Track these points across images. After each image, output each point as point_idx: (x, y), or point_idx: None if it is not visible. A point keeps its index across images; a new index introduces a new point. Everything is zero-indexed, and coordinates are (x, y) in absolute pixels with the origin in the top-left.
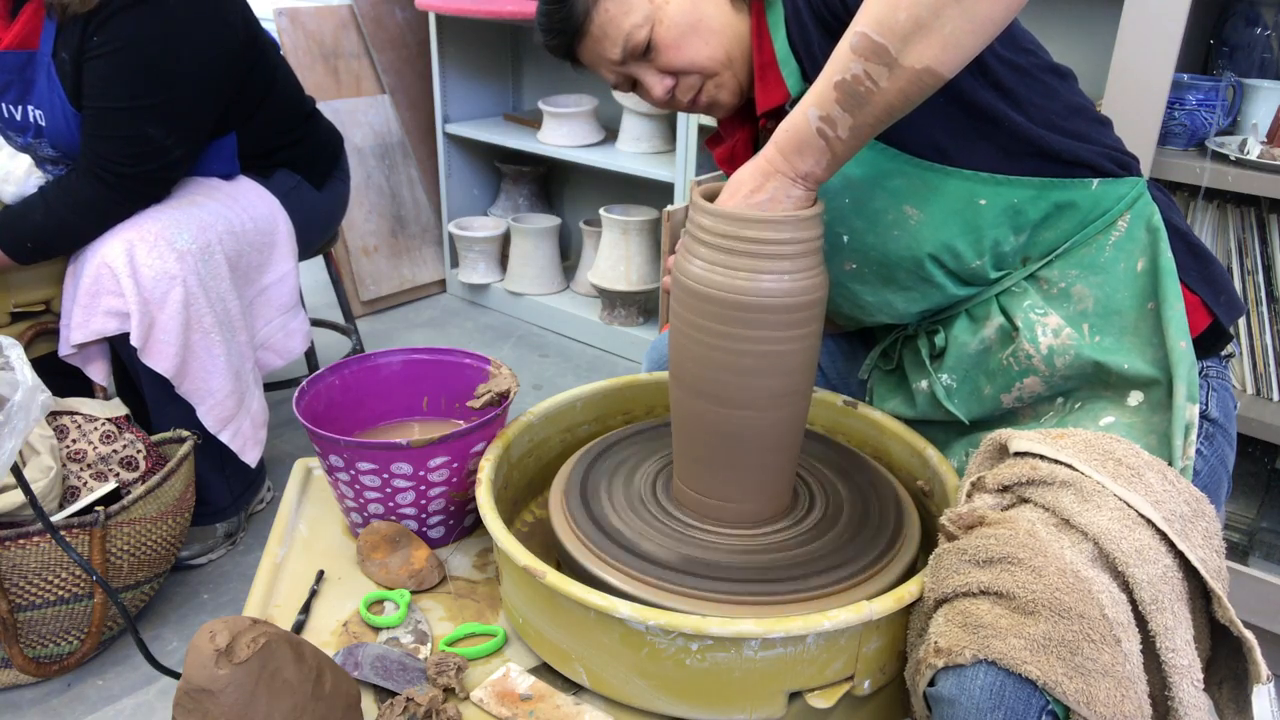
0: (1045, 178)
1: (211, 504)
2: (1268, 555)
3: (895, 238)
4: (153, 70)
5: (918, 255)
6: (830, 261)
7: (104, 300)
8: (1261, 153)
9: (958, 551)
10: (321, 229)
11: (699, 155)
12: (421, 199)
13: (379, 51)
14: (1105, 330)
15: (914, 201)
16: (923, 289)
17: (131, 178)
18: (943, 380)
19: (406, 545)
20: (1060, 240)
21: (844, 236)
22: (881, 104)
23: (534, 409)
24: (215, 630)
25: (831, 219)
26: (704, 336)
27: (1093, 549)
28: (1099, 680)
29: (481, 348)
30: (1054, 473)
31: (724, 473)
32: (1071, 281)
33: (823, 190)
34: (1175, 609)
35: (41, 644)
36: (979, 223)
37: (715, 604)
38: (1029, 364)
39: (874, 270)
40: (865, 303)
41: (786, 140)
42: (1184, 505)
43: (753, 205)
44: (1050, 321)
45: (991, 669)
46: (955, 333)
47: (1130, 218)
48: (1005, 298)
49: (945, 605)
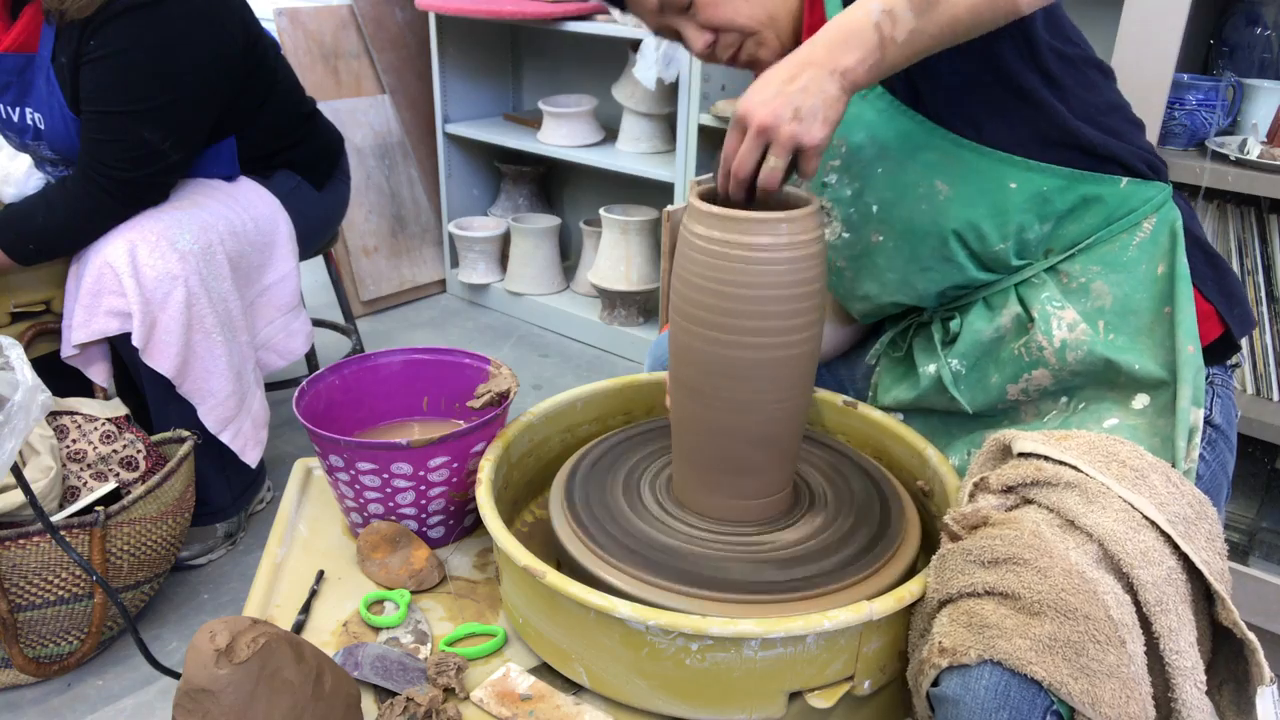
0: (1076, 169)
1: (211, 504)
2: (1268, 555)
3: (923, 211)
4: (150, 75)
5: (943, 231)
6: (859, 231)
7: (106, 300)
8: (1261, 153)
9: (962, 552)
10: (322, 229)
11: (699, 155)
12: (421, 199)
13: (379, 51)
14: (1120, 329)
15: (945, 177)
16: (944, 269)
17: (129, 182)
18: (951, 365)
19: (406, 545)
20: (1084, 235)
21: (874, 206)
22: (948, 13)
23: (534, 409)
24: (215, 630)
25: (864, 188)
26: (704, 334)
27: (1097, 550)
28: (1104, 681)
29: (481, 348)
30: (1059, 474)
31: (724, 473)
32: (1092, 278)
33: (857, 159)
34: (1179, 611)
35: (41, 644)
36: (1006, 206)
37: (715, 604)
38: (1040, 355)
39: (899, 244)
40: (887, 280)
41: (835, 32)
42: (1187, 508)
43: (786, 95)
44: (1066, 315)
45: (997, 669)
46: (971, 319)
47: (1155, 221)
48: (1024, 288)
49: (949, 605)
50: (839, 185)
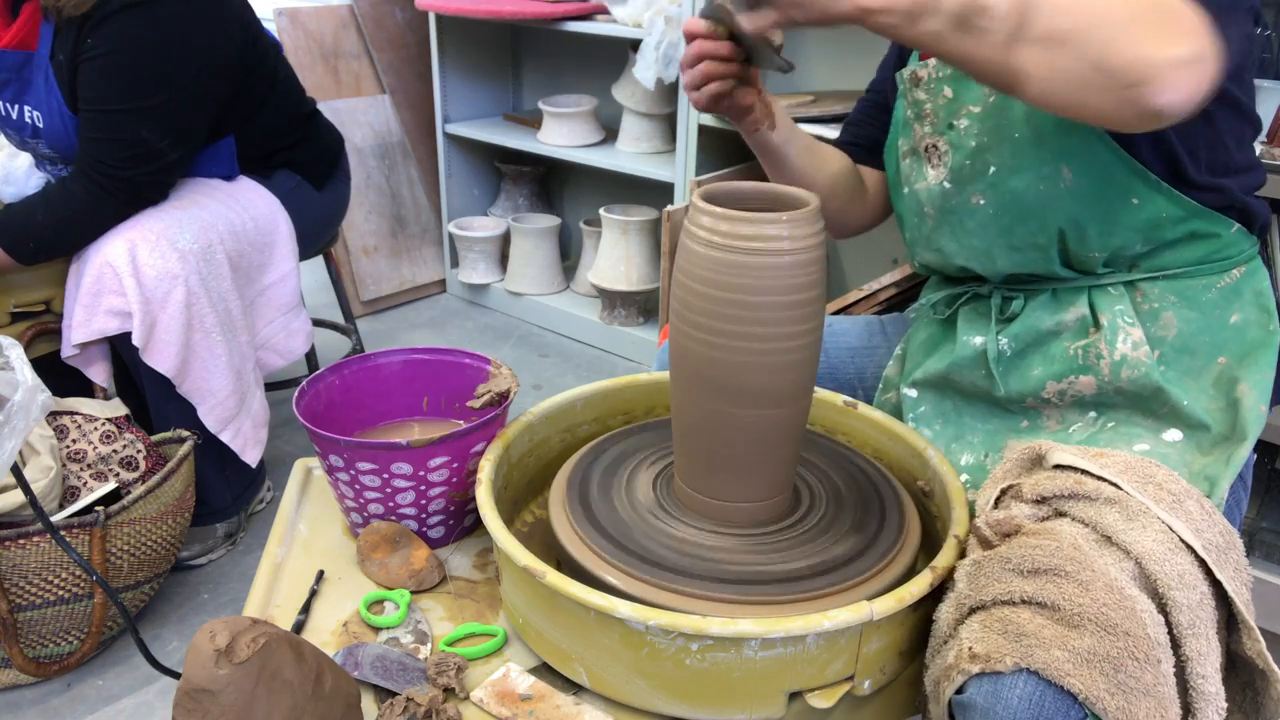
0: (1201, 205)
1: (211, 504)
2: (1268, 555)
3: (1039, 192)
4: (147, 74)
5: (1048, 218)
6: (963, 186)
7: (106, 300)
8: (1261, 153)
9: (1000, 560)
10: (322, 229)
11: (699, 155)
12: (421, 199)
13: (379, 51)
14: (1172, 364)
15: (1076, 166)
16: (1032, 254)
17: (127, 180)
18: (1000, 343)
19: (406, 545)
20: (1176, 264)
21: (991, 168)
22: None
23: (534, 409)
24: (215, 630)
25: (991, 145)
26: (704, 335)
27: (1134, 568)
28: (1140, 699)
29: (481, 348)
30: (1099, 489)
31: (724, 473)
32: (1165, 306)
33: (1001, 115)
34: (1209, 636)
35: (41, 644)
36: (1120, 217)
37: (715, 604)
38: (1095, 364)
39: (999, 214)
40: (969, 244)
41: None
42: (1219, 536)
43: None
44: (1134, 333)
45: (1032, 679)
46: (1034, 305)
47: (1244, 271)
48: (1098, 293)
49: (981, 612)
50: (966, 134)
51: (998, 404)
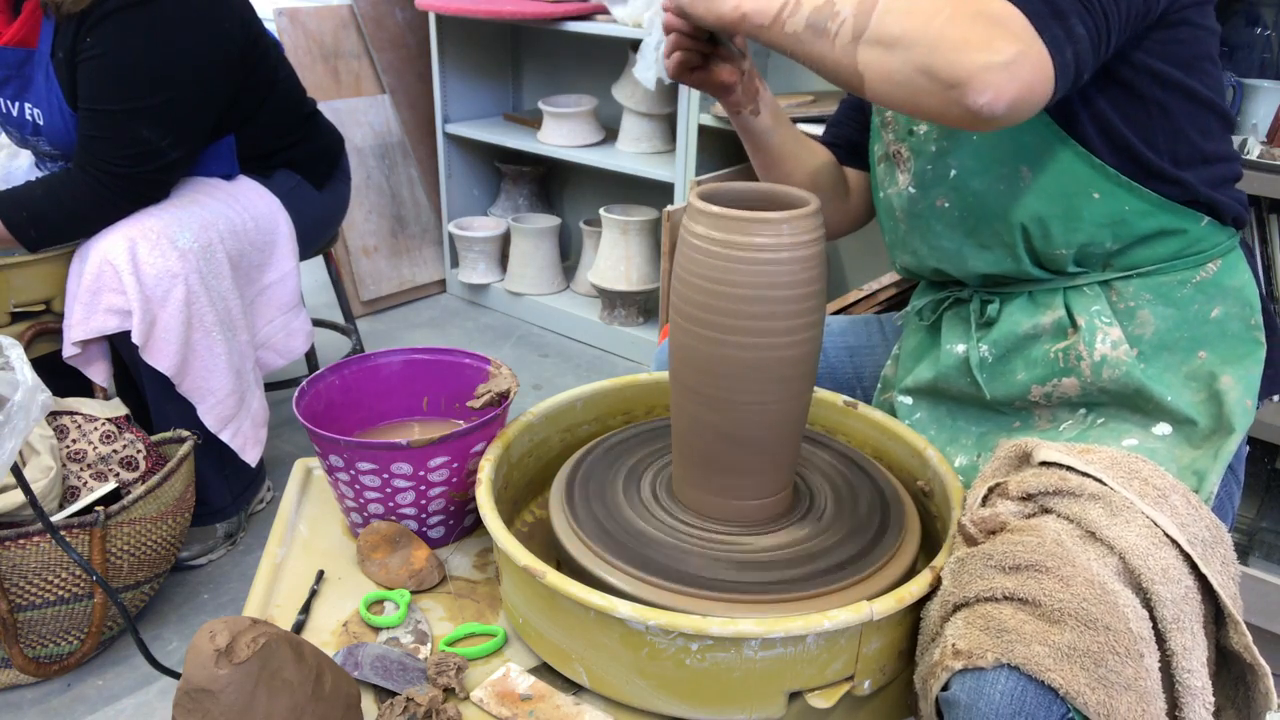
0: (1166, 199)
1: (211, 504)
2: (1268, 555)
3: (999, 192)
4: (146, 73)
5: (1011, 217)
6: (927, 190)
7: (106, 298)
8: (1261, 153)
9: (983, 556)
10: (322, 229)
11: (699, 155)
12: (421, 199)
13: (379, 51)
14: (1152, 361)
15: (1033, 164)
16: (999, 253)
17: (128, 178)
18: (981, 350)
19: (406, 545)
20: (1148, 262)
21: (952, 171)
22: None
23: (534, 409)
24: (215, 630)
25: (951, 148)
26: (704, 335)
27: (1118, 563)
28: (1121, 694)
29: (481, 348)
30: (1083, 485)
31: (724, 473)
32: (1141, 304)
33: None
34: (1194, 631)
35: (41, 644)
36: (1082, 213)
37: (715, 604)
38: (1076, 365)
39: (963, 213)
40: (940, 246)
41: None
42: (1205, 530)
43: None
44: (1112, 333)
45: (1013, 674)
46: (1011, 309)
47: (1221, 265)
48: (1073, 294)
49: (965, 609)
50: (926, 139)
51: (989, 407)
